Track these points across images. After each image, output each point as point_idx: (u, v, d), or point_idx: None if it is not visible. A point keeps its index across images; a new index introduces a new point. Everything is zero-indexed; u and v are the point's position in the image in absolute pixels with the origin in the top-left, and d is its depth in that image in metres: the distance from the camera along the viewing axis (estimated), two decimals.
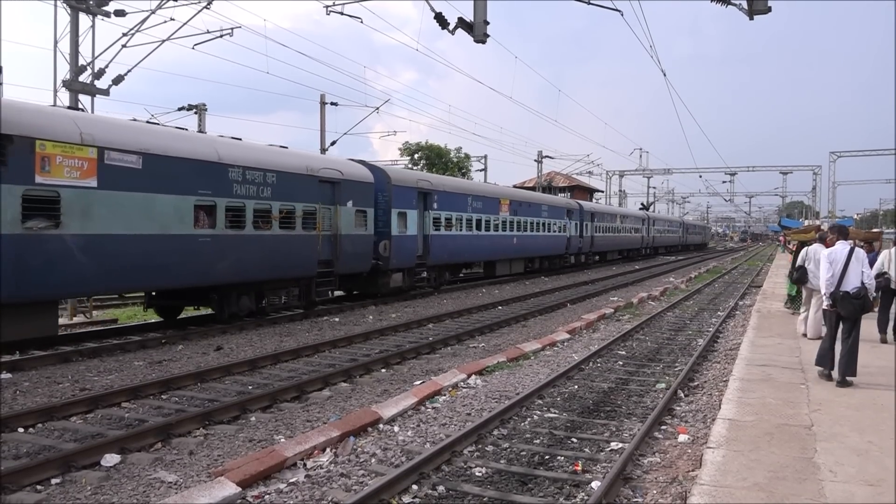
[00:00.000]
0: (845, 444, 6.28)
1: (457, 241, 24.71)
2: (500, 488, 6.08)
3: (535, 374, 10.64)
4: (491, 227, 27.56)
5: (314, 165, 17.36)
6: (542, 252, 34.15)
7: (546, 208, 34.33)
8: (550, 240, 34.90)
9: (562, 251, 36.76)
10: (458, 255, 25.25)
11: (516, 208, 30.23)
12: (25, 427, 7.87)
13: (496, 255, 28.77)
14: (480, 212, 26.55)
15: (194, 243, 13.59)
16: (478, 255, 27.43)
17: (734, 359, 10.88)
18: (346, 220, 18.19)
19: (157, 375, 10.42)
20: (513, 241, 29.79)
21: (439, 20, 12.93)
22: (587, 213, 40.77)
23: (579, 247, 39.29)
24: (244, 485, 5.86)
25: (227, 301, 14.90)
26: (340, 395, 9.65)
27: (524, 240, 31.17)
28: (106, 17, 19.31)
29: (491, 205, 27.82)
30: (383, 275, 20.35)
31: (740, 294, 24.29)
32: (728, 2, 13.03)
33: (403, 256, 21.10)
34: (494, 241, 28.00)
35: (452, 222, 24.46)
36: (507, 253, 29.65)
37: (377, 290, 20.49)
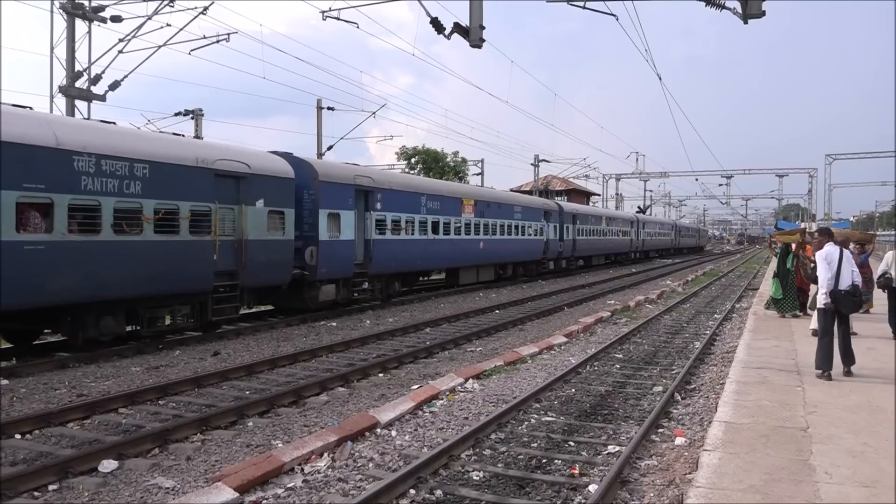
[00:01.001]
0: (841, 445, 6.30)
1: (407, 247, 21.70)
2: (498, 492, 6.10)
3: (533, 378, 10.65)
4: (451, 230, 24.70)
5: (207, 156, 14.15)
6: (515, 257, 31.26)
7: (519, 209, 31.45)
8: (525, 244, 32.06)
9: (538, 256, 33.89)
10: (409, 262, 22.21)
11: (483, 209, 27.34)
12: (22, 433, 7.86)
13: (459, 261, 25.98)
14: (437, 213, 23.62)
15: (17, 252, 10.61)
16: (435, 262, 24.50)
17: (730, 361, 10.91)
18: (256, 222, 15.25)
19: (155, 381, 10.42)
20: (479, 245, 26.92)
21: (435, 25, 12.97)
22: (568, 214, 37.96)
23: (559, 251, 36.40)
24: (242, 490, 5.87)
25: (81, 323, 12.06)
26: (338, 400, 9.65)
27: (493, 244, 28.30)
28: (102, 23, 19.34)
29: (451, 205, 24.88)
30: (310, 287, 17.39)
31: (737, 297, 24.33)
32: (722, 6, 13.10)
33: (336, 265, 18.09)
34: (456, 246, 25.09)
35: (402, 225, 21.41)
36: (472, 259, 26.90)
37: (303, 304, 17.56)
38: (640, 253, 58.08)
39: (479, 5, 12.83)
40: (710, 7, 13.11)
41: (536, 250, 33.48)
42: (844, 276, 9.09)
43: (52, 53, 18.94)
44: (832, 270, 9.11)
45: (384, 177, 21.93)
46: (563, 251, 36.84)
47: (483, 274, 28.21)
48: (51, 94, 18.92)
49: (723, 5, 12.90)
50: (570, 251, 38.27)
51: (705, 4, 13.12)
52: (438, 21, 12.98)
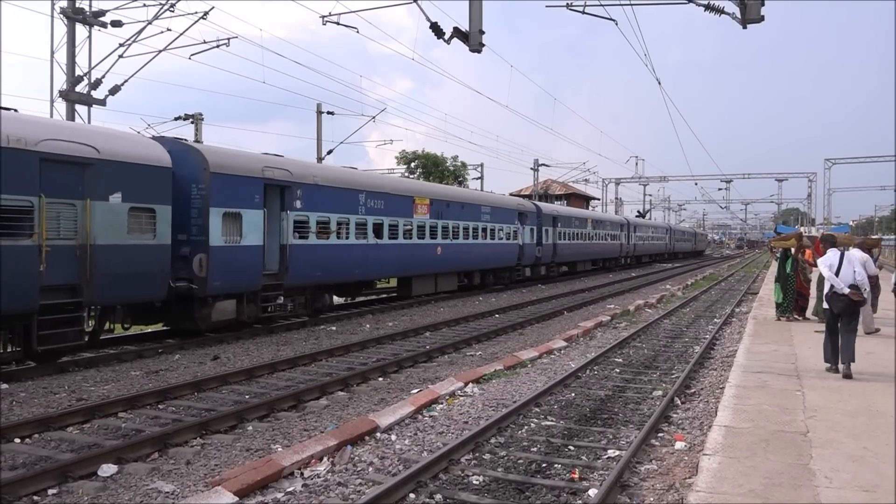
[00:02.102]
0: (841, 450, 6.30)
1: (340, 254, 18.29)
2: (498, 496, 6.09)
3: (533, 382, 10.65)
4: (400, 233, 21.35)
5: (26, 134, 10.82)
6: (483, 264, 27.94)
7: (488, 210, 28.09)
8: (495, 249, 28.69)
9: (512, 262, 30.36)
10: (341, 271, 18.62)
11: (441, 210, 24.11)
12: (22, 438, 7.86)
13: (411, 269, 22.72)
14: (381, 213, 20.20)
15: None
16: (378, 270, 20.80)
17: (730, 366, 10.90)
18: (109, 222, 12.12)
19: (154, 385, 10.41)
20: (435, 251, 23.60)
21: (435, 30, 13.01)
22: (547, 216, 34.50)
23: (537, 257, 32.92)
24: (241, 494, 5.87)
25: None
26: (338, 404, 9.65)
27: (455, 249, 25.06)
28: (102, 28, 19.38)
29: (399, 205, 21.40)
30: (201, 303, 14.13)
31: (736, 301, 24.34)
32: (722, 11, 13.15)
33: (235, 276, 14.69)
34: (406, 251, 21.66)
35: (331, 227, 17.98)
36: (427, 266, 23.57)
37: (192, 325, 14.33)
38: (632, 258, 55.02)
39: (478, 10, 12.87)
40: (709, 12, 13.17)
41: (509, 256, 30.12)
42: (845, 275, 9.71)
43: (52, 58, 18.98)
44: (832, 272, 9.83)
45: (307, 169, 17.78)
46: (541, 257, 33.45)
47: (444, 283, 24.96)
48: (51, 98, 18.95)
49: (722, 10, 12.96)
50: (549, 257, 34.90)
51: (704, 9, 13.17)
52: (438, 26, 13.02)
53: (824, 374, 9.70)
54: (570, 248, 38.04)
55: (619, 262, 50.66)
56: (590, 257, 43.43)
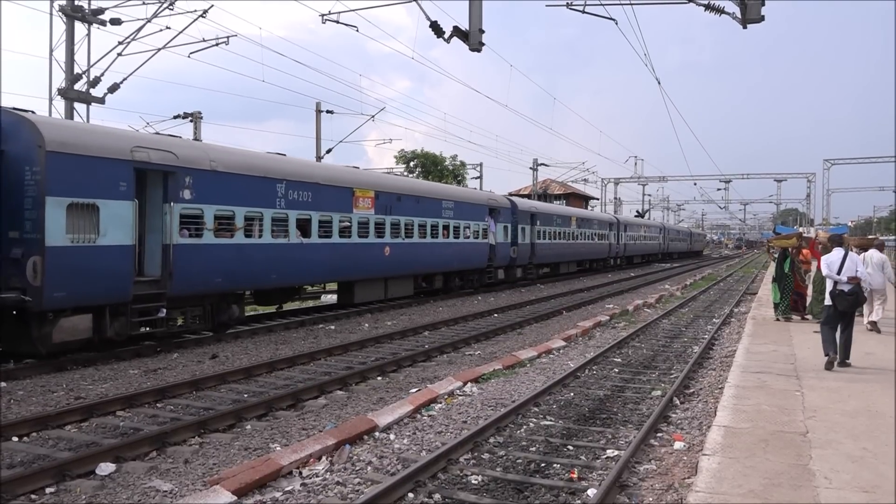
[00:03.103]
0: (840, 450, 6.29)
1: (248, 255, 15.10)
2: (497, 496, 6.08)
3: (531, 382, 10.64)
4: (335, 231, 18.04)
5: None
6: (445, 266, 24.77)
7: (451, 205, 24.72)
8: (461, 248, 25.43)
9: (481, 263, 27.23)
10: (251, 276, 15.47)
11: (389, 204, 20.73)
12: (20, 436, 7.84)
13: (349, 272, 19.16)
14: (308, 207, 17.05)
15: None
16: (303, 274, 17.42)
17: (729, 366, 10.90)
18: None
19: (152, 384, 10.40)
20: (383, 251, 20.31)
21: (435, 29, 13.00)
22: (524, 213, 31.41)
23: (511, 257, 29.82)
24: (240, 493, 5.85)
25: None
26: (336, 403, 9.63)
27: (409, 250, 21.84)
28: (102, 26, 19.37)
29: (333, 197, 18.07)
30: (39, 320, 11.24)
31: (735, 301, 24.35)
32: (722, 10, 13.14)
33: (88, 284, 11.73)
34: (342, 252, 18.39)
35: (236, 223, 14.72)
36: (372, 269, 20.18)
37: (30, 346, 11.46)
38: (622, 259, 52.26)
39: (478, 9, 12.87)
40: (710, 12, 13.16)
41: (478, 257, 26.96)
42: (846, 272, 10.23)
43: (51, 56, 18.97)
44: (832, 271, 10.34)
45: (200, 152, 14.32)
46: (517, 257, 30.37)
47: (396, 288, 21.80)
48: (50, 96, 18.95)
49: (722, 10, 12.95)
50: (526, 257, 31.82)
51: (705, 9, 13.16)
52: (438, 25, 13.01)
53: (823, 375, 9.70)
54: (550, 248, 35.06)
55: (607, 264, 48.20)
56: (574, 258, 40.56)
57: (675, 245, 74.49)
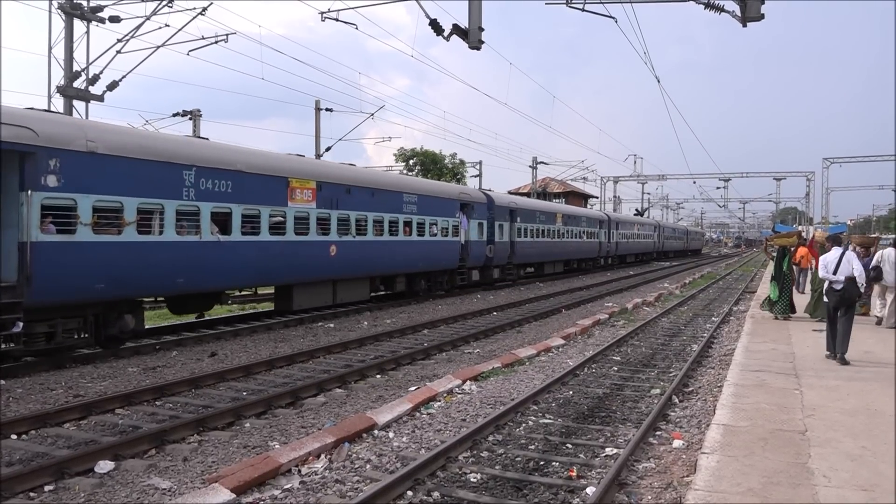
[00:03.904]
0: (839, 449, 6.30)
1: (143, 255, 12.61)
2: (496, 494, 6.08)
3: (531, 380, 10.64)
4: (264, 226, 15.62)
5: None
6: (407, 266, 22.32)
7: (413, 199, 22.26)
8: (426, 247, 23.11)
9: (452, 263, 24.90)
10: (148, 280, 12.96)
11: (335, 196, 18.22)
12: (18, 434, 7.84)
13: (283, 274, 16.80)
14: (227, 199, 14.54)
15: None
16: (221, 276, 14.76)
17: (728, 364, 10.90)
18: None
19: (151, 382, 10.39)
20: (327, 250, 17.90)
21: (434, 27, 13.00)
22: (502, 208, 29.10)
23: (487, 257, 27.58)
24: (238, 491, 5.85)
25: None
26: (335, 401, 9.63)
27: (361, 248, 19.35)
28: (101, 23, 19.33)
29: (260, 188, 15.57)
30: None
31: (734, 299, 24.36)
32: (721, 9, 13.13)
33: None
34: (273, 251, 15.97)
35: (125, 217, 12.25)
36: (314, 270, 17.75)
37: None
38: (613, 258, 49.91)
39: (478, 7, 12.86)
40: (709, 10, 13.15)
41: (448, 256, 24.57)
42: (843, 271, 10.64)
43: (50, 53, 18.93)
44: (829, 270, 10.80)
45: (73, 129, 11.85)
46: (493, 257, 28.00)
47: (347, 291, 19.34)
48: (49, 94, 18.92)
49: (722, 8, 12.94)
50: (505, 257, 29.45)
51: (704, 7, 13.15)
52: (437, 23, 13.01)
53: (822, 373, 9.71)
54: (532, 246, 32.65)
55: (597, 263, 45.85)
56: (560, 257, 37.99)
57: (670, 244, 72.53)
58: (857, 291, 10.83)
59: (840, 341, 10.64)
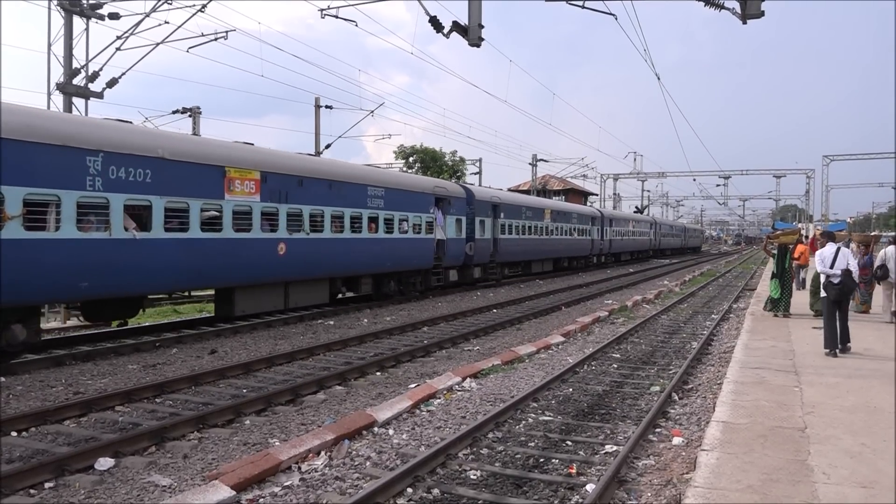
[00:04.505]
0: (839, 446, 6.30)
1: (31, 256, 10.95)
2: (495, 491, 6.09)
3: (530, 377, 10.65)
4: (194, 222, 13.89)
5: None
6: (374, 266, 20.30)
7: (380, 192, 20.25)
8: (396, 245, 21.15)
9: (426, 263, 23.06)
10: (41, 285, 11.25)
11: (285, 188, 16.45)
12: (19, 431, 7.85)
13: (224, 276, 15.06)
14: (146, 191, 12.82)
15: None
16: (137, 278, 12.81)
17: (728, 361, 10.91)
18: None
19: (151, 379, 10.40)
20: (275, 249, 16.12)
21: (434, 24, 12.97)
22: (483, 203, 27.26)
23: (467, 254, 25.85)
24: (239, 488, 5.85)
25: None
26: (335, 399, 9.64)
27: (317, 247, 17.60)
28: (100, 20, 19.32)
29: (192, 178, 13.91)
30: None
31: (734, 297, 24.36)
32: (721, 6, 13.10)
33: None
34: (206, 250, 14.21)
35: (8, 211, 10.65)
36: (260, 271, 15.88)
37: None
38: (607, 256, 48.24)
39: (478, 4, 12.83)
40: (709, 7, 13.12)
41: (421, 255, 22.78)
42: (838, 266, 10.96)
43: (49, 50, 18.91)
44: (826, 265, 11.05)
45: None
46: (473, 255, 26.30)
47: (302, 294, 17.65)
48: (48, 91, 18.90)
49: (722, 5, 12.91)
50: (486, 255, 27.71)
51: (704, 4, 13.13)
52: (437, 20, 12.98)
53: (822, 371, 9.72)
54: (518, 244, 30.77)
55: (589, 262, 44.08)
56: (549, 256, 36.11)
57: (667, 241, 70.83)
58: (854, 284, 11.28)
59: (843, 334, 11.01)
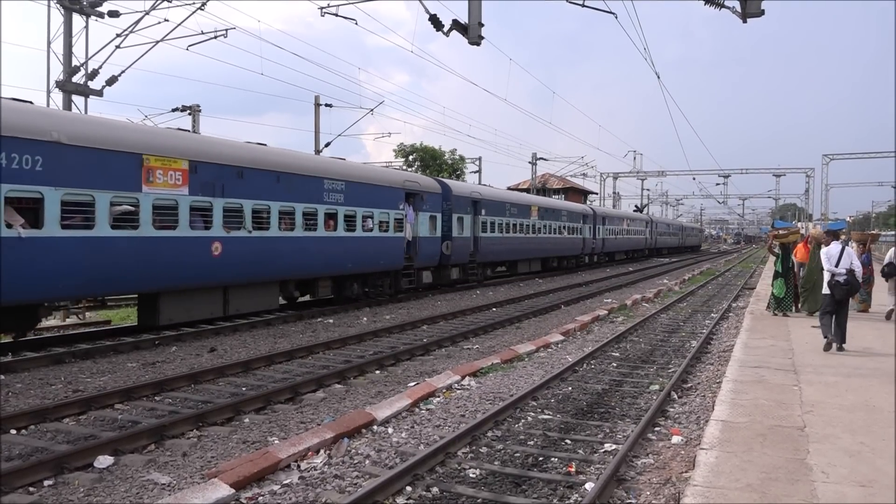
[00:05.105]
0: (837, 445, 6.30)
1: None
2: (494, 489, 6.09)
3: (530, 376, 10.65)
4: (100, 218, 12.08)
5: None
6: (332, 268, 18.43)
7: (340, 187, 18.37)
8: (358, 245, 19.18)
9: (395, 263, 21.14)
10: None
11: (220, 181, 14.48)
12: (18, 429, 7.84)
13: (144, 280, 13.19)
14: (35, 181, 11.05)
15: None
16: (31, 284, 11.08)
17: (727, 360, 10.91)
18: None
19: (151, 377, 10.40)
20: (209, 249, 14.28)
21: (434, 22, 12.96)
22: (461, 199, 25.62)
23: (444, 254, 24.24)
24: (238, 486, 5.85)
25: None
26: (334, 397, 9.64)
27: (265, 247, 15.82)
28: (100, 18, 19.31)
29: (99, 167, 12.13)
30: None
31: (733, 296, 24.37)
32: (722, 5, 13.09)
33: None
34: (116, 250, 12.40)
35: None
36: (190, 275, 14.10)
37: None
38: (600, 255, 46.61)
39: (477, 3, 12.82)
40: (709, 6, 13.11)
41: (390, 255, 20.84)
42: (843, 264, 11.14)
43: (49, 48, 18.90)
44: (832, 263, 11.19)
45: None
46: (451, 255, 24.54)
47: (245, 299, 15.77)
48: (48, 88, 18.89)
49: (722, 4, 12.90)
50: (466, 255, 26.02)
51: (704, 3, 13.11)
52: (437, 18, 12.97)
53: (821, 370, 9.71)
54: (501, 243, 29.28)
55: (581, 261, 42.27)
56: (537, 255, 34.53)
57: (664, 240, 68.88)
58: (858, 283, 11.51)
59: (841, 331, 11.24)
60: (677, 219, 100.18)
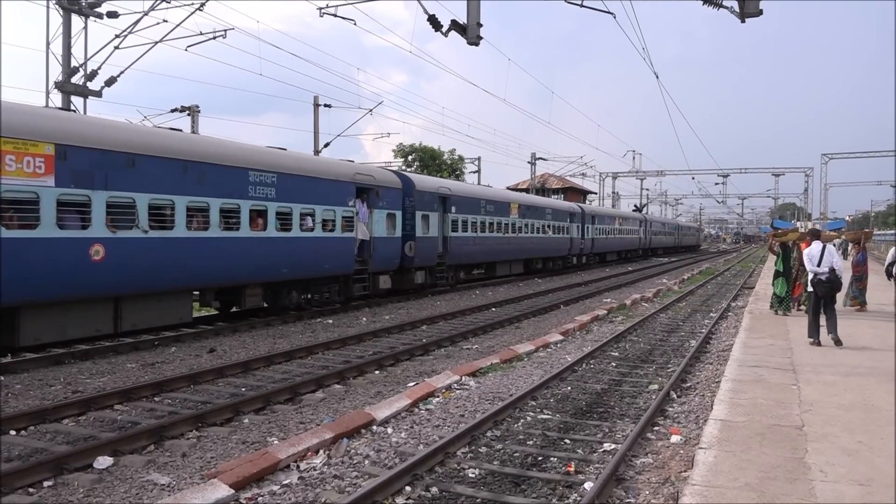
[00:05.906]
0: (836, 444, 6.31)
1: None
2: (494, 489, 6.10)
3: (529, 376, 10.66)
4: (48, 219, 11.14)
5: None
6: (261, 274, 15.96)
7: (271, 179, 15.96)
8: (295, 247, 16.70)
9: (345, 267, 18.70)
10: None
11: (103, 171, 12.10)
12: (17, 429, 7.85)
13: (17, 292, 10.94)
14: None
15: None
16: None
17: (726, 360, 10.92)
18: None
19: (150, 377, 10.40)
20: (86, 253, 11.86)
21: (433, 22, 12.95)
22: (427, 195, 23.27)
23: (407, 256, 21.73)
24: (237, 487, 5.86)
25: None
26: (334, 397, 9.65)
27: (168, 249, 13.39)
28: (98, 19, 19.30)
29: None
30: None
31: (732, 295, 24.38)
32: (720, 5, 13.10)
33: None
34: None
35: None
36: (63, 285, 11.65)
37: None
38: (589, 256, 44.22)
39: (476, 3, 12.82)
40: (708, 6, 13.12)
41: (337, 258, 18.42)
42: (825, 263, 11.56)
43: (48, 49, 18.89)
44: (814, 263, 11.62)
45: None
46: (415, 256, 22.05)
47: (142, 312, 13.38)
48: (47, 89, 18.87)
49: (720, 4, 12.90)
50: (434, 257, 23.73)
51: (703, 3, 13.12)
52: (436, 18, 12.96)
53: (820, 369, 9.73)
54: (475, 243, 26.86)
55: (569, 262, 39.99)
56: (518, 256, 32.14)
57: (659, 239, 66.22)
58: (840, 281, 11.83)
59: (833, 325, 11.59)
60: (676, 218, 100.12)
